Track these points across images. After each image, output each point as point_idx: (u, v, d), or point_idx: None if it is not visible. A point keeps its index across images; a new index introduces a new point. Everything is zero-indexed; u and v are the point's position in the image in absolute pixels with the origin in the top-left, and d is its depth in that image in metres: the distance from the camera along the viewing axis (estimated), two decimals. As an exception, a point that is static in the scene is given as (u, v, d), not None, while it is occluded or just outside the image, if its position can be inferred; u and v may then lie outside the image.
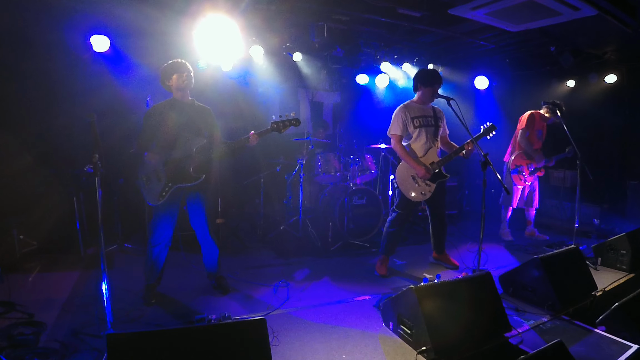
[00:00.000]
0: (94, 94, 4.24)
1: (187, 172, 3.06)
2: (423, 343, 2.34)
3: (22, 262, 3.87)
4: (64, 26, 4.10)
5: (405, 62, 6.13)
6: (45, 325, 2.65)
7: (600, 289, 3.30)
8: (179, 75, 3.07)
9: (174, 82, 3.09)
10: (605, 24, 4.30)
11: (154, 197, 3.05)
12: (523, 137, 4.91)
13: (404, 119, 3.73)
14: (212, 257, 3.35)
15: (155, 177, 3.05)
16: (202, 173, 3.09)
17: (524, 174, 4.91)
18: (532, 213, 5.17)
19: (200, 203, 3.20)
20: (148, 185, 3.06)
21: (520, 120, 5.01)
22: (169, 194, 3.03)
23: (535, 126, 4.95)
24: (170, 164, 3.05)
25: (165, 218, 3.11)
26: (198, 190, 3.17)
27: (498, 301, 2.66)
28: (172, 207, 3.11)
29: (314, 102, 7.09)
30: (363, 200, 5.03)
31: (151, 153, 3.04)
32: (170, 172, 3.04)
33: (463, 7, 3.99)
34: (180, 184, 3.05)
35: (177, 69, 3.07)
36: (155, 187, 3.04)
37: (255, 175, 5.41)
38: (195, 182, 3.07)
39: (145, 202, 3.15)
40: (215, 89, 5.35)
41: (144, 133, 3.08)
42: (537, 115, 4.95)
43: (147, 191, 3.07)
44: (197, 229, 3.27)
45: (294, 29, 4.99)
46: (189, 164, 3.05)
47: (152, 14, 4.03)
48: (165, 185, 3.03)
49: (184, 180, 3.06)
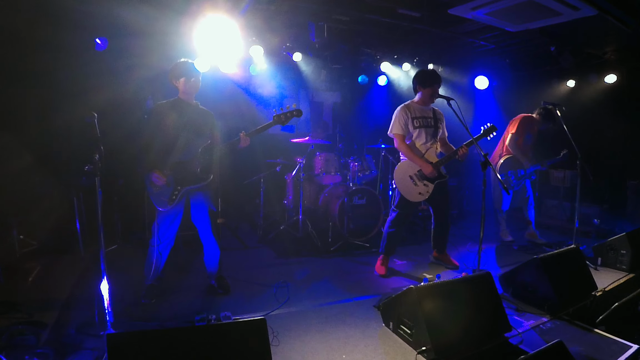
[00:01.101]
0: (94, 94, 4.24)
1: (195, 174, 3.07)
2: (423, 343, 2.34)
3: (22, 262, 3.87)
4: (64, 26, 4.10)
5: (405, 62, 6.14)
6: (46, 325, 2.65)
7: (600, 289, 3.30)
8: (186, 80, 3.10)
9: (181, 85, 3.11)
10: (605, 24, 4.31)
11: (164, 202, 3.04)
12: (512, 141, 4.73)
13: (405, 119, 3.74)
14: (213, 257, 3.34)
15: (164, 183, 3.03)
16: (209, 173, 3.12)
17: (512, 178, 4.75)
18: (531, 212, 5.03)
19: (204, 202, 3.21)
20: (157, 191, 3.03)
21: (511, 123, 4.85)
22: (178, 197, 3.04)
23: (526, 131, 4.79)
24: (175, 167, 3.04)
25: (170, 220, 3.11)
26: (202, 190, 3.18)
27: (498, 301, 2.66)
28: (178, 209, 3.12)
29: (314, 102, 7.10)
30: (363, 200, 5.02)
31: (158, 173, 2.96)
32: (178, 175, 3.04)
33: (463, 7, 3.99)
34: (189, 186, 3.06)
35: (187, 73, 3.09)
36: (164, 192, 3.03)
37: (255, 175, 5.41)
38: (203, 182, 3.09)
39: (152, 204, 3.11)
40: (215, 89, 5.34)
41: (146, 131, 3.07)
42: (529, 119, 4.82)
43: (156, 197, 3.05)
44: (200, 227, 3.27)
45: (294, 29, 4.99)
46: (196, 165, 3.06)
47: (151, 14, 4.03)
48: (175, 189, 3.03)
49: (193, 181, 3.07)
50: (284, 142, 6.08)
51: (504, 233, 5.08)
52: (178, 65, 3.10)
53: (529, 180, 4.92)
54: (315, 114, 7.04)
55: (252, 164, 5.70)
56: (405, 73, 6.34)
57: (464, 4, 3.93)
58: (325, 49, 5.51)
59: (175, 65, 3.11)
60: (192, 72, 3.11)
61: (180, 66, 3.10)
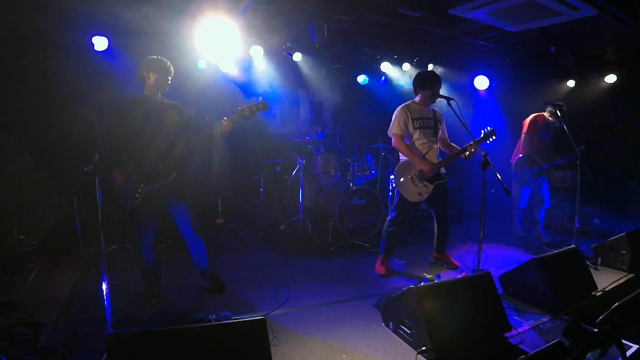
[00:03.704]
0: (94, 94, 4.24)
1: (158, 171, 2.99)
2: (423, 343, 2.34)
3: (22, 262, 3.87)
4: (64, 26, 4.10)
5: (405, 62, 6.14)
6: (46, 325, 2.65)
7: (600, 289, 3.30)
8: (160, 77, 3.02)
9: (152, 80, 3.02)
10: (605, 24, 4.31)
11: (127, 199, 2.96)
12: (526, 142, 4.90)
13: (404, 119, 3.74)
14: (199, 253, 3.27)
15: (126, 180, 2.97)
16: (172, 171, 3.02)
17: (527, 176, 4.90)
18: (542, 215, 5.14)
19: (179, 203, 3.12)
20: (119, 189, 2.96)
21: (523, 125, 4.98)
22: (142, 196, 2.96)
23: (538, 129, 4.91)
24: (139, 164, 2.97)
25: (143, 220, 3.05)
26: (174, 190, 3.09)
27: (498, 301, 2.66)
28: (149, 209, 3.03)
29: (314, 102, 7.10)
30: (363, 200, 5.03)
31: (118, 172, 2.91)
32: (141, 173, 2.96)
33: (463, 7, 3.99)
34: (152, 184, 2.98)
35: (161, 69, 3.02)
36: (127, 190, 2.96)
37: (255, 175, 5.41)
38: (166, 180, 3.00)
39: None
40: (215, 89, 5.35)
41: (114, 129, 2.97)
42: (540, 118, 4.92)
43: (119, 194, 2.98)
44: (181, 228, 3.20)
45: (294, 29, 4.99)
46: (159, 162, 2.99)
47: (151, 14, 4.03)
48: (138, 187, 2.96)
49: (156, 179, 2.99)
50: (284, 142, 6.09)
51: (516, 230, 5.25)
52: (153, 60, 3.03)
53: (548, 186, 5.03)
54: (315, 114, 7.03)
55: (252, 164, 5.70)
56: (405, 73, 6.35)
57: (464, 4, 3.92)
58: (325, 49, 5.51)
59: (150, 59, 3.03)
60: (166, 71, 3.04)
61: (156, 61, 3.03)
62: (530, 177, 4.91)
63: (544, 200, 5.05)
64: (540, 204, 5.07)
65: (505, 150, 5.27)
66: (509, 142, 5.37)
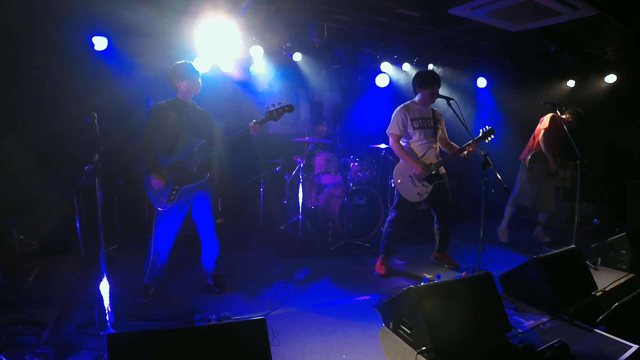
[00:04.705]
0: (93, 94, 4.24)
1: (192, 173, 3.10)
2: (423, 343, 2.34)
3: (22, 262, 3.87)
4: (64, 26, 4.10)
5: (405, 62, 6.13)
6: (45, 325, 2.65)
7: (600, 289, 3.30)
8: (190, 81, 3.14)
9: (184, 86, 3.15)
10: (605, 24, 4.31)
11: (163, 201, 3.07)
12: (545, 137, 4.76)
13: (403, 119, 3.73)
14: (211, 256, 3.35)
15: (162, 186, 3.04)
16: (205, 172, 3.14)
17: (538, 172, 4.84)
18: (545, 216, 5.11)
19: (205, 201, 3.24)
20: (156, 192, 3.06)
21: (541, 121, 4.89)
22: (176, 197, 3.07)
23: (557, 127, 4.78)
24: (174, 167, 3.07)
25: (170, 220, 3.14)
26: (203, 189, 3.21)
27: (498, 301, 2.66)
28: (178, 210, 3.15)
29: (314, 102, 7.09)
30: (363, 200, 5.02)
31: (156, 176, 2.97)
32: (175, 175, 3.06)
33: (463, 7, 3.98)
34: (186, 186, 3.09)
35: (190, 74, 3.14)
36: (163, 193, 3.06)
37: (255, 175, 5.41)
38: (200, 181, 3.12)
39: (152, 205, 3.14)
40: (215, 89, 5.34)
41: (146, 131, 3.09)
42: (558, 117, 4.77)
43: (155, 198, 3.08)
44: (200, 225, 3.28)
45: (294, 29, 4.99)
46: (192, 164, 3.09)
47: (151, 14, 4.03)
48: (173, 189, 3.06)
49: (190, 181, 3.10)
50: (284, 142, 6.08)
51: (502, 231, 5.10)
52: (180, 67, 3.13)
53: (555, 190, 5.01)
54: (315, 114, 7.03)
55: (252, 164, 5.70)
56: (405, 73, 6.34)
57: (464, 4, 3.92)
58: (325, 49, 5.51)
59: (177, 66, 3.14)
60: (195, 74, 3.17)
61: (183, 68, 3.13)
62: (541, 175, 4.85)
63: (550, 203, 5.02)
64: (546, 205, 5.02)
65: (505, 150, 5.27)
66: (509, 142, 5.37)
